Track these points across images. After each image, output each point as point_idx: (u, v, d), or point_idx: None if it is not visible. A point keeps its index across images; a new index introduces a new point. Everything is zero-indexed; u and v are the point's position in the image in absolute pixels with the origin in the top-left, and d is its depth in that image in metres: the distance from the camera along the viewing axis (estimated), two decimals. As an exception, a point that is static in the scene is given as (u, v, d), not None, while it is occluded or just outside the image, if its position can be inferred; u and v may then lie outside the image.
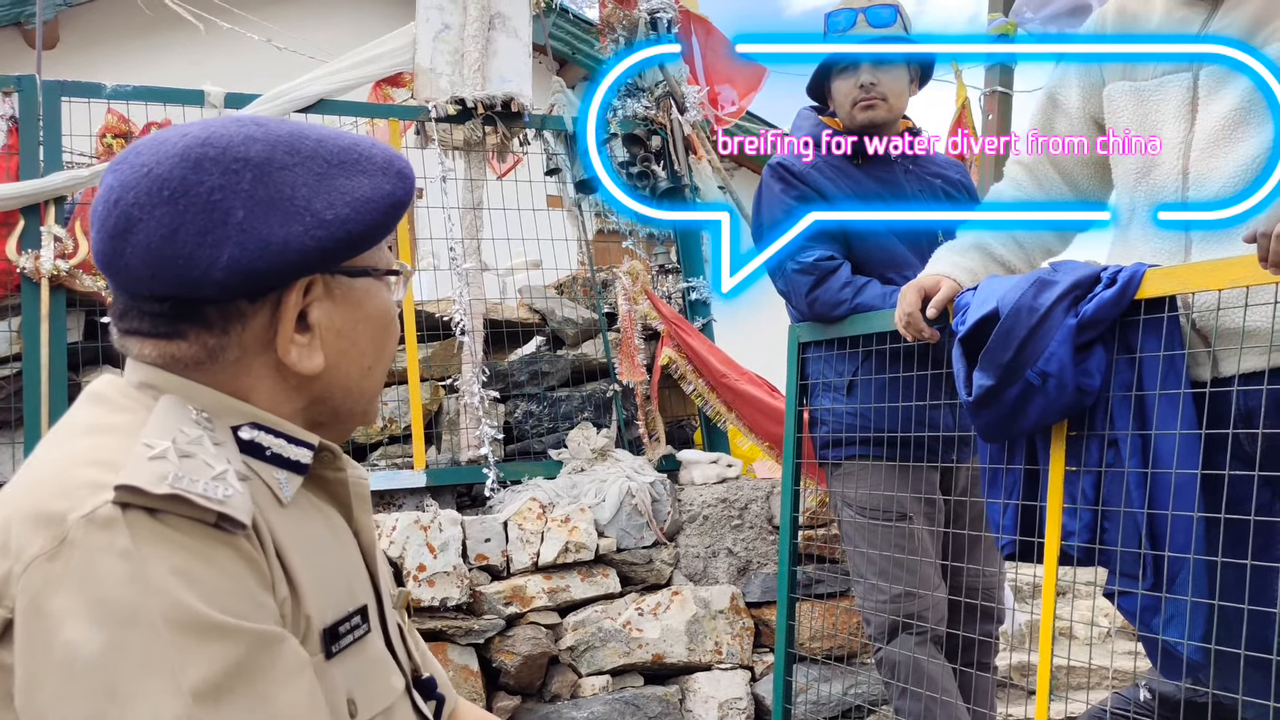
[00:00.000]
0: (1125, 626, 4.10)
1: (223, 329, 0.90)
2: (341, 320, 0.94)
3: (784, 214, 2.92)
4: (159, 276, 0.87)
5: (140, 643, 0.72)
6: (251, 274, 0.86)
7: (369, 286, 0.96)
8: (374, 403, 1.03)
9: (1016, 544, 2.31)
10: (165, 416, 0.85)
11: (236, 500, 0.79)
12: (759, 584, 3.89)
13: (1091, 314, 2.13)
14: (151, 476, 0.77)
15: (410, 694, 0.99)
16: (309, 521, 0.91)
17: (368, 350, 0.97)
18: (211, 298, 0.88)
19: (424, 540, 3.56)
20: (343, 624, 0.89)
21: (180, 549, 0.75)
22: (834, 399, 2.95)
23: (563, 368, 4.66)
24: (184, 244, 0.85)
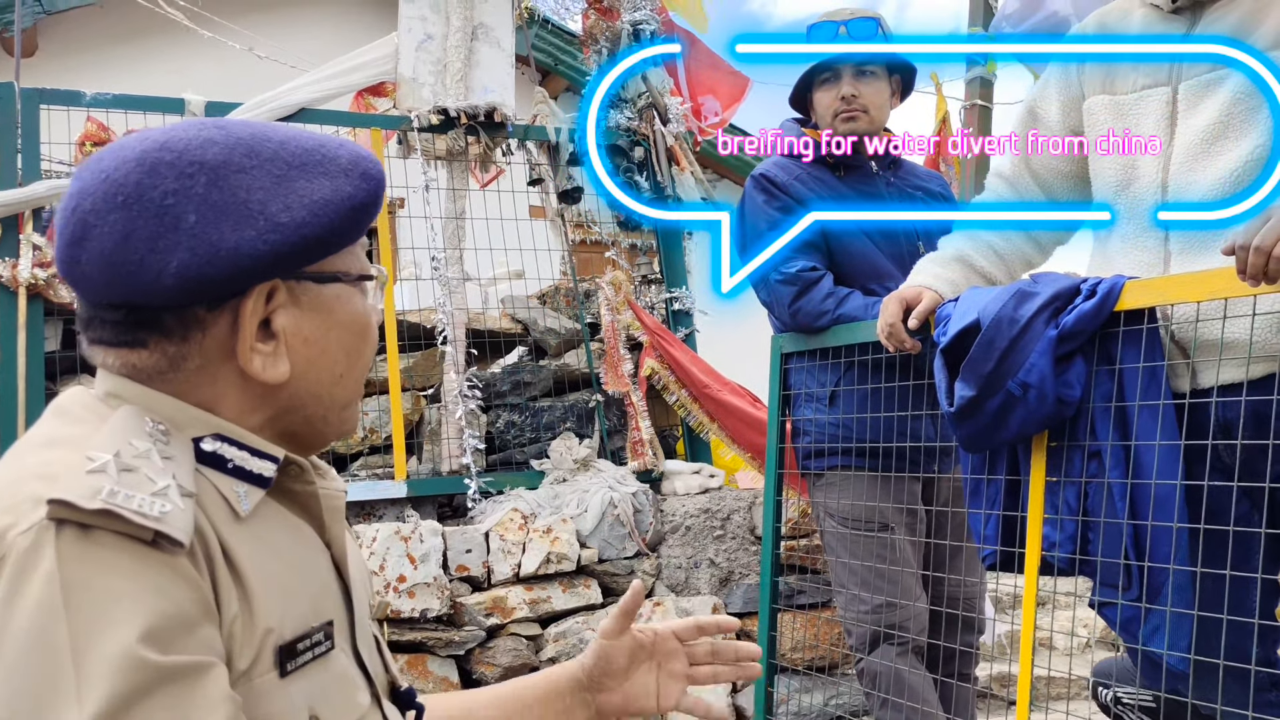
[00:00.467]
0: (1104, 637, 4.12)
1: (182, 337, 0.88)
2: (310, 328, 0.91)
3: (768, 225, 2.93)
4: (113, 284, 0.85)
5: (46, 669, 0.69)
6: (202, 280, 0.84)
7: (339, 292, 0.93)
8: (349, 411, 0.99)
9: (998, 554, 2.32)
10: (117, 429, 0.82)
11: (175, 517, 0.76)
12: (741, 594, 3.89)
13: (1071, 325, 2.14)
14: (85, 491, 0.74)
15: (381, 707, 0.97)
16: (272, 534, 0.89)
17: (339, 358, 0.94)
18: (165, 305, 0.86)
19: (404, 551, 3.54)
20: (301, 641, 0.86)
21: (107, 571, 0.73)
22: (816, 409, 2.96)
23: (545, 378, 4.65)
24: (135, 250, 0.84)
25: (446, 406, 4.35)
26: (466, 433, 4.25)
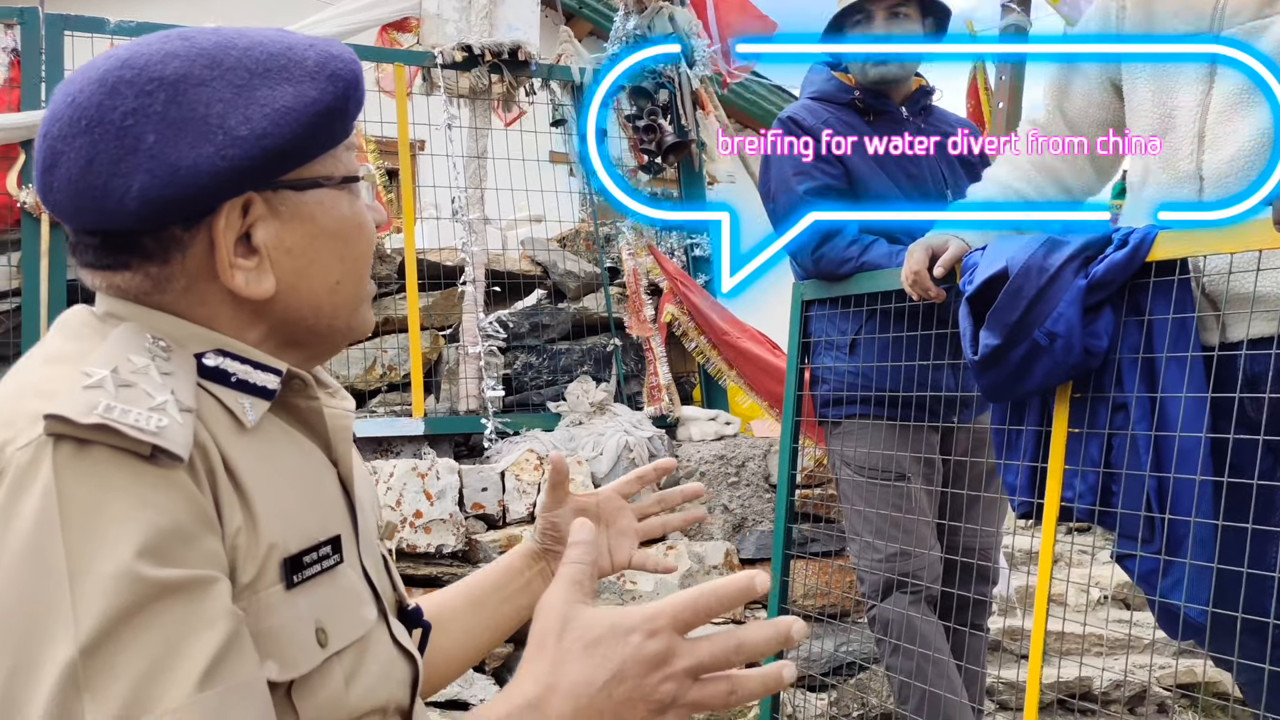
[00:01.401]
0: (1118, 594, 4.12)
1: (163, 258, 0.86)
2: (293, 238, 0.89)
3: (794, 171, 2.89)
4: (81, 211, 0.84)
5: (41, 586, 0.68)
6: (164, 202, 0.82)
7: (322, 198, 0.90)
8: (356, 315, 0.96)
9: (1032, 504, 2.30)
10: (115, 345, 0.81)
11: (172, 431, 0.75)
12: (753, 541, 3.90)
13: (1101, 275, 2.11)
14: (81, 406, 0.73)
15: (388, 624, 0.96)
16: (278, 450, 0.88)
17: (331, 265, 0.91)
18: (135, 228, 0.84)
19: (421, 487, 3.56)
20: (308, 554, 0.85)
21: (103, 486, 0.72)
22: (836, 357, 2.94)
23: (563, 321, 4.65)
24: (99, 175, 0.82)
25: (465, 347, 4.35)
26: (484, 373, 4.26)
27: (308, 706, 0.82)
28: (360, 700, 0.87)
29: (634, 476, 1.30)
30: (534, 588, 1.27)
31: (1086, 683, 3.43)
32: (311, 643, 0.83)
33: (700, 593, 0.74)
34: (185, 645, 0.69)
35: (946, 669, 2.69)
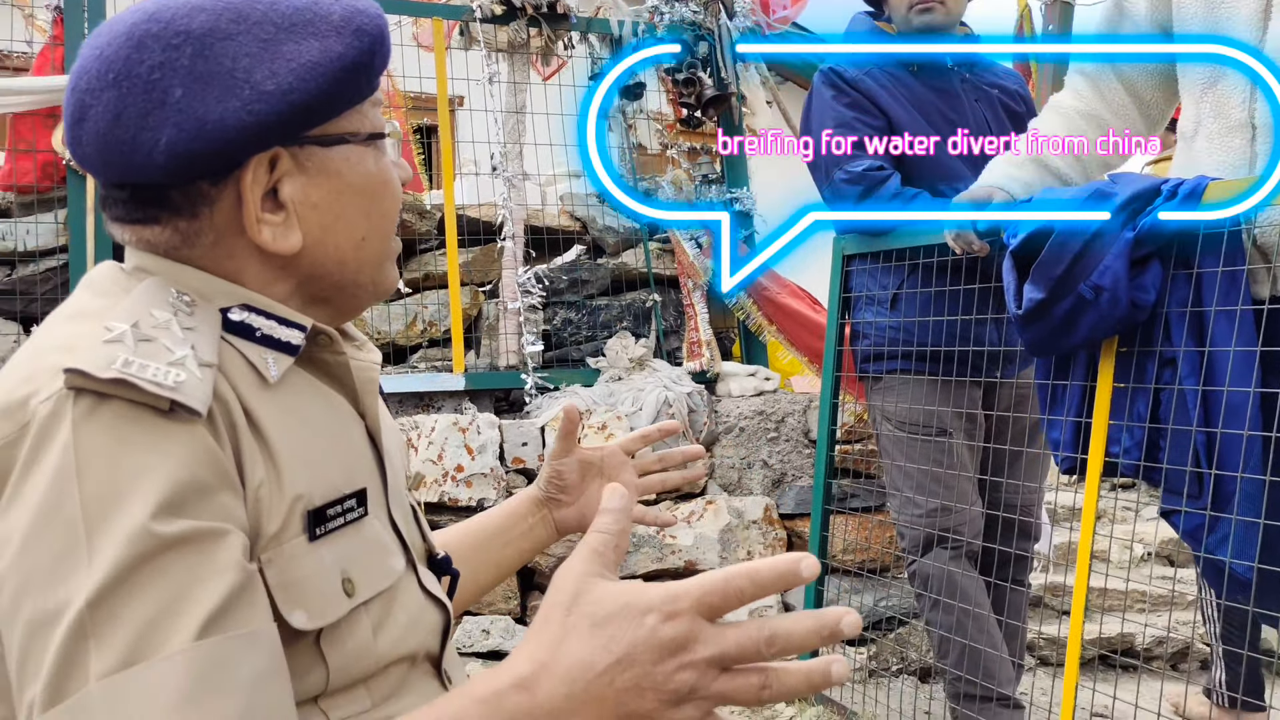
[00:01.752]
0: (1161, 551, 4.09)
1: (191, 213, 0.87)
2: (319, 194, 0.89)
3: (834, 123, 2.86)
4: (110, 164, 0.85)
5: (57, 537, 0.70)
6: (191, 156, 0.83)
7: (348, 154, 0.90)
8: (380, 272, 0.97)
9: (1074, 460, 2.28)
10: (138, 300, 0.82)
11: (190, 386, 0.75)
12: (793, 497, 3.90)
13: (1150, 227, 2.07)
14: (100, 361, 0.74)
15: (416, 574, 0.97)
16: (303, 403, 0.88)
17: (357, 221, 0.92)
18: (164, 182, 0.85)
19: (462, 442, 3.59)
20: (332, 506, 0.86)
21: (121, 440, 0.72)
22: (877, 312, 2.92)
23: (603, 276, 4.64)
24: (127, 129, 0.82)
25: (504, 302, 4.36)
26: (524, 329, 4.27)
27: (336, 655, 0.83)
28: (389, 649, 0.88)
29: (638, 435, 1.31)
30: (536, 533, 1.29)
31: (1129, 639, 3.42)
32: (338, 593, 0.84)
33: (734, 573, 0.64)
34: (191, 594, 0.70)
35: (986, 624, 2.69)
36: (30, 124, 4.06)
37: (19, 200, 4.18)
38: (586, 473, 1.28)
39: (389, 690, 0.88)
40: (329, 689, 0.82)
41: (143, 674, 0.66)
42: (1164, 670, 3.37)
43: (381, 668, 0.87)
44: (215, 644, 0.69)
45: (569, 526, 1.29)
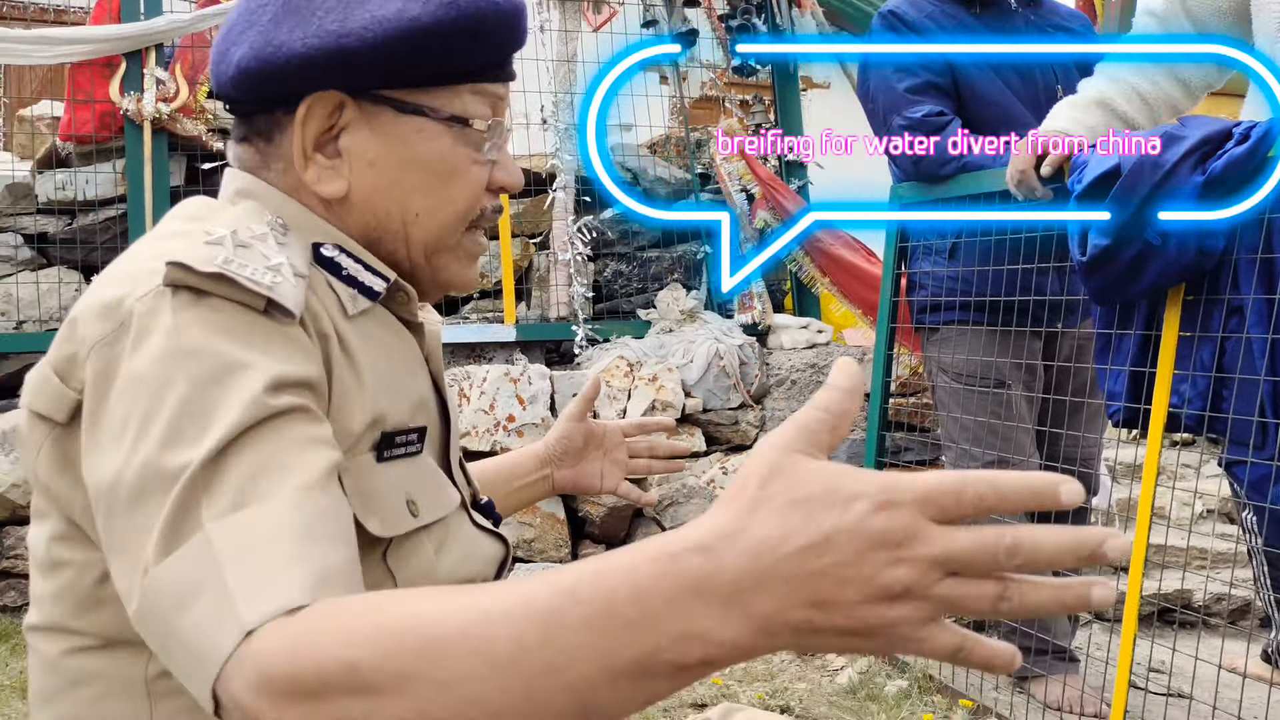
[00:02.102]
0: (1222, 508, 4.02)
1: (267, 137, 0.91)
2: (377, 152, 0.89)
3: (894, 68, 2.80)
4: (214, 73, 0.93)
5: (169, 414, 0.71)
6: (250, 74, 0.87)
7: (422, 127, 0.90)
8: (439, 259, 0.95)
9: (1128, 412, 2.24)
10: (238, 215, 0.85)
11: (286, 289, 0.77)
12: (845, 449, 3.87)
13: (1220, 171, 2.01)
14: (203, 257, 0.75)
15: (467, 511, 0.99)
16: (380, 336, 0.90)
17: (413, 195, 0.91)
18: (232, 96, 0.91)
19: (514, 392, 3.60)
20: (399, 435, 0.88)
21: (220, 330, 0.74)
22: (935, 262, 2.87)
23: (654, 228, 4.61)
24: (227, 40, 0.90)
25: (555, 254, 4.36)
26: (575, 280, 4.26)
27: (403, 571, 0.85)
28: (448, 573, 0.90)
29: (637, 423, 1.41)
30: (535, 488, 1.35)
31: (1187, 595, 3.37)
32: (404, 510, 0.86)
33: (973, 477, 0.54)
34: (298, 458, 0.71)
35: (1042, 577, 2.66)
36: (89, 74, 4.10)
37: (78, 150, 4.23)
38: (589, 441, 1.35)
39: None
40: None
41: (256, 513, 0.68)
42: (1223, 627, 3.32)
43: None
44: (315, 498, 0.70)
45: (564, 486, 1.36)
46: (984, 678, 2.78)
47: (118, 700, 0.80)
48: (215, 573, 0.65)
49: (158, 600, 0.67)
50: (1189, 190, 2.00)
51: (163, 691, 0.79)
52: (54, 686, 0.82)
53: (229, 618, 0.63)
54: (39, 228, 4.26)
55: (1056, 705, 2.56)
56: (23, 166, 4.50)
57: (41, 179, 4.29)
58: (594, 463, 1.36)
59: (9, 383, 4.10)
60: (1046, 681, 2.62)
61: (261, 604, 0.63)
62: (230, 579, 0.65)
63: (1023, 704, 2.60)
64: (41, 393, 0.78)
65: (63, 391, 0.76)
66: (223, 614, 0.64)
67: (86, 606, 0.80)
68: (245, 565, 0.65)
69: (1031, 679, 2.66)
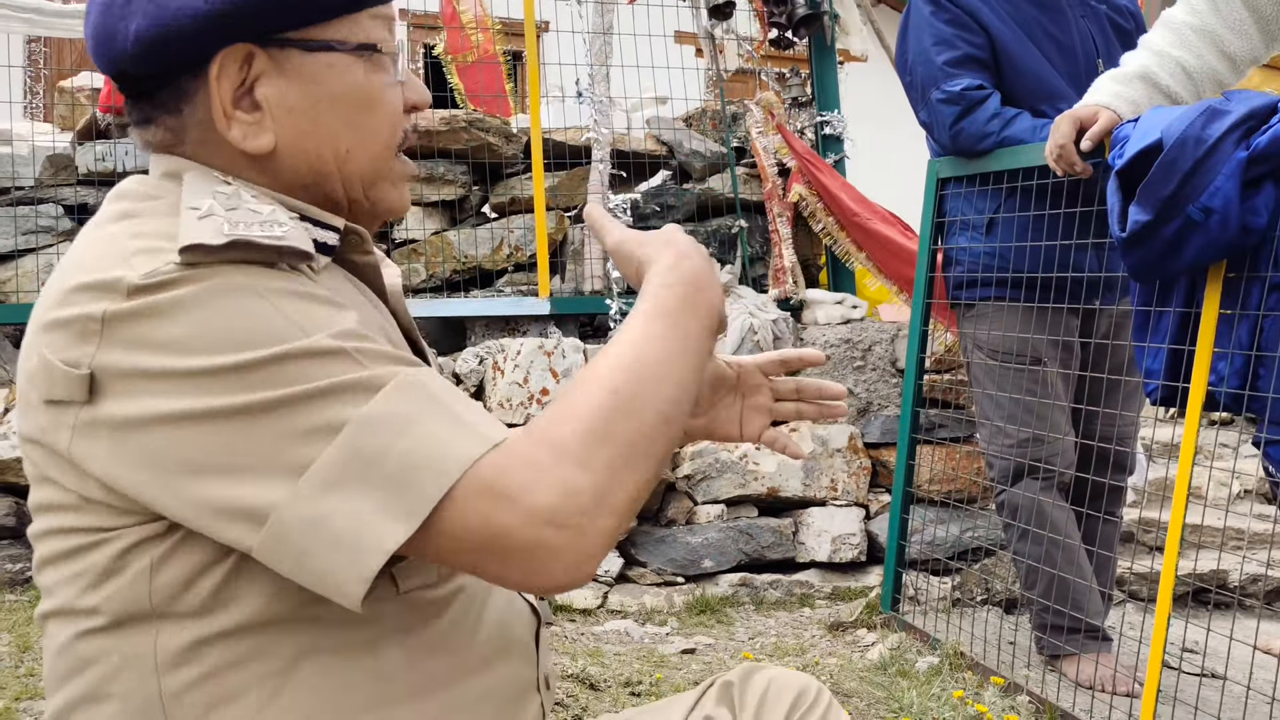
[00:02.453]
0: (1259, 488, 3.98)
1: (175, 109, 0.88)
2: (295, 97, 0.87)
3: (933, 40, 2.77)
4: (98, 54, 0.88)
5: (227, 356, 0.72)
6: (153, 43, 0.83)
7: (333, 61, 0.88)
8: (376, 190, 0.95)
9: (1166, 390, 2.22)
10: (195, 184, 0.83)
11: (294, 233, 0.79)
12: (878, 426, 3.86)
13: (1265, 147, 1.98)
14: (209, 231, 0.75)
15: None
16: (348, 291, 0.90)
17: (339, 131, 0.90)
18: (140, 73, 0.86)
19: (547, 365, 3.61)
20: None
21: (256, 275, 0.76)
22: (971, 238, 2.85)
23: (688, 202, 4.60)
24: (111, 17, 0.85)
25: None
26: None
27: None
28: None
29: (776, 357, 1.23)
30: None
31: (1222, 575, 3.34)
32: None
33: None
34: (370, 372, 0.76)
35: (1076, 555, 2.65)
36: (127, 46, 4.12)
37: (117, 121, 4.26)
38: (719, 386, 1.20)
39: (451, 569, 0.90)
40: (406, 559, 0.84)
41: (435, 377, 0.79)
42: (1259, 608, 3.29)
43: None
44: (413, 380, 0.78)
45: (695, 434, 1.22)
46: (1016, 655, 2.77)
47: (128, 676, 0.81)
48: (438, 405, 0.75)
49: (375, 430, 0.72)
50: (1232, 167, 1.97)
51: (171, 665, 0.80)
52: (66, 668, 0.84)
53: (468, 437, 0.74)
54: (79, 199, 4.30)
55: (1089, 683, 2.55)
56: (63, 138, 4.55)
57: (81, 150, 4.34)
58: (730, 408, 1.20)
59: (51, 352, 4.17)
60: (1079, 660, 2.61)
61: (497, 428, 0.76)
62: (459, 409, 0.76)
63: (1054, 682, 2.60)
64: (52, 383, 0.77)
65: (70, 374, 0.76)
66: (461, 433, 0.74)
67: (100, 581, 0.80)
68: (460, 402, 0.77)
69: (1064, 657, 2.66)
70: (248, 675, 0.80)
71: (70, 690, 0.83)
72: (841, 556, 3.64)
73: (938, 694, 2.52)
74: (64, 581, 0.82)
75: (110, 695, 0.81)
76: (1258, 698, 2.25)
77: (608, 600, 3.41)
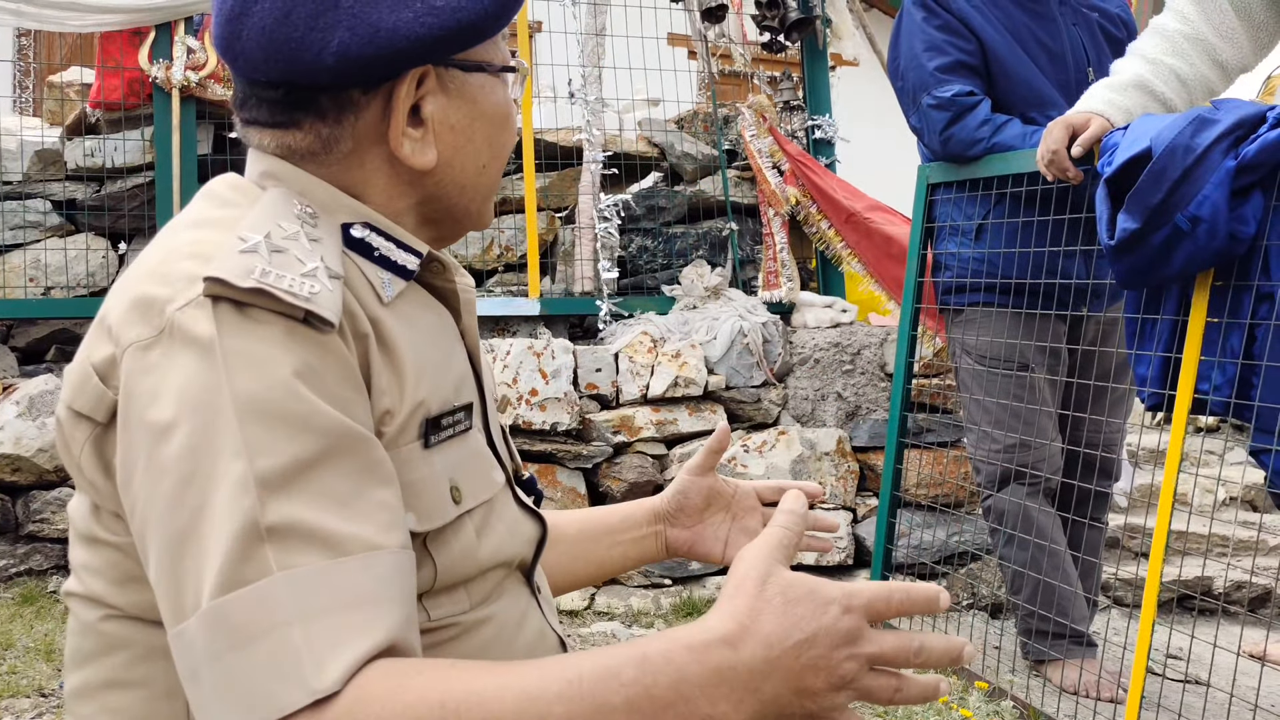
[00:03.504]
0: (1245, 495, 3.99)
1: (336, 119, 0.88)
2: (456, 115, 0.91)
3: (924, 45, 2.78)
4: (271, 60, 0.86)
5: (212, 433, 0.71)
6: (361, 61, 0.85)
7: (484, 82, 0.93)
8: (488, 203, 1.00)
9: (1160, 397, 2.23)
10: (266, 210, 0.84)
11: (324, 298, 0.77)
12: (867, 429, 3.87)
13: (1253, 156, 1.99)
14: (239, 270, 0.75)
15: (512, 488, 1.00)
16: (418, 317, 0.90)
17: (483, 148, 0.94)
18: (323, 84, 0.87)
19: (537, 366, 3.61)
20: (446, 416, 0.88)
21: (262, 339, 0.74)
22: (961, 243, 2.86)
23: (680, 204, 4.60)
24: (296, 27, 0.84)
25: (581, 228, 4.35)
26: (600, 255, 4.26)
27: (443, 556, 0.86)
28: (490, 555, 0.91)
29: (776, 485, 1.24)
30: (645, 545, 1.24)
31: (1207, 582, 3.36)
32: (446, 499, 0.86)
33: (895, 589, 0.73)
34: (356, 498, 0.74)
35: (1061, 561, 2.65)
36: (118, 41, 4.11)
37: (106, 117, 4.25)
38: (713, 502, 1.21)
39: (485, 594, 0.91)
40: (434, 588, 0.85)
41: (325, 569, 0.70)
42: (1243, 615, 3.31)
43: (481, 572, 0.90)
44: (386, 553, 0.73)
45: (678, 548, 1.23)
46: (1000, 660, 2.78)
47: (152, 666, 0.81)
48: (283, 626, 0.67)
49: (214, 633, 0.68)
50: (1220, 176, 1.98)
51: None
52: (91, 649, 0.84)
53: (294, 679, 0.66)
54: (68, 194, 4.29)
55: (1073, 689, 2.56)
56: (52, 133, 4.53)
57: (70, 146, 4.32)
58: (718, 526, 1.21)
59: (37, 348, 4.15)
60: (1063, 665, 2.62)
61: (331, 669, 0.66)
62: (298, 636, 0.67)
63: (1039, 687, 2.60)
64: (82, 391, 0.78)
65: (102, 392, 0.77)
66: (288, 672, 0.66)
67: (123, 583, 0.81)
68: (314, 624, 0.68)
69: (1049, 662, 2.67)
70: None
71: (94, 672, 0.84)
72: (828, 560, 3.64)
73: (923, 698, 2.52)
74: (92, 569, 0.83)
75: (135, 682, 0.82)
76: (1241, 704, 2.26)
77: (594, 602, 3.41)
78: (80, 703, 0.85)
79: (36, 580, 3.46)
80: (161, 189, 4.05)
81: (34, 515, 3.53)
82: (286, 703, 0.65)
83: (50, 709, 2.52)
